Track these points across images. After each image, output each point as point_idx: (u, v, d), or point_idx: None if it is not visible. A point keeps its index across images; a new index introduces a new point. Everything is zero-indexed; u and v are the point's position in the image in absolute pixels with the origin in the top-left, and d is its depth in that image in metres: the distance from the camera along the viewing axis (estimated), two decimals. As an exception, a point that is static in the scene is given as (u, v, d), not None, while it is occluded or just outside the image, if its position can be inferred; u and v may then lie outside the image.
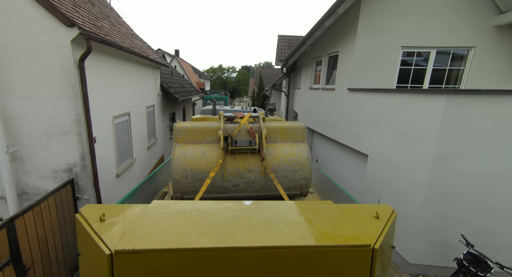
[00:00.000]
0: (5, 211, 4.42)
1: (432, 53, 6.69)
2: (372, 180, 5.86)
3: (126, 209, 1.74)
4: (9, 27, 3.77)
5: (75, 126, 4.31)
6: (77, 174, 4.50)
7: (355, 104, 6.67)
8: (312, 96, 10.10)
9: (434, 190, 4.39)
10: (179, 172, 2.71)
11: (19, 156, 4.26)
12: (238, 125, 3.00)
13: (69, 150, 4.37)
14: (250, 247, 1.34)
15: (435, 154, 4.25)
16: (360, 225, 1.63)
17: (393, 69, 6.81)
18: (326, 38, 8.54)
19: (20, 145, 4.22)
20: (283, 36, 16.02)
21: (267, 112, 5.57)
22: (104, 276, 1.25)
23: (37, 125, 4.19)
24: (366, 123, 6.11)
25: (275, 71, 31.86)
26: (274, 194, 2.93)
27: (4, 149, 4.03)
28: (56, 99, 4.13)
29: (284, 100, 15.08)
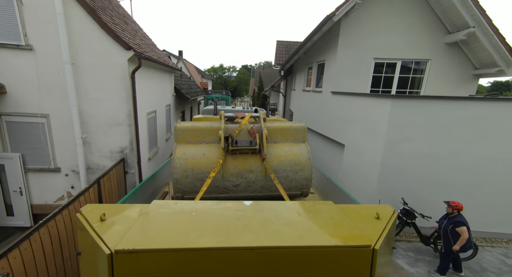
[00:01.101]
0: (77, 181, 6.13)
1: (398, 64, 8.36)
2: (347, 164, 7.56)
3: (127, 209, 1.73)
4: (86, 51, 5.45)
5: (127, 120, 6.01)
6: (127, 155, 6.21)
7: (336, 104, 8.34)
8: (305, 97, 11.79)
9: (385, 168, 6.08)
10: (180, 172, 2.70)
11: (87, 141, 5.96)
12: (239, 125, 3.00)
13: (122, 136, 6.08)
14: (250, 247, 1.33)
15: (385, 141, 5.94)
16: (361, 225, 1.62)
17: (367, 77, 8.48)
18: (316, 48, 10.21)
19: (89, 132, 5.93)
20: (281, 42, 17.65)
21: (268, 112, 5.42)
22: (104, 275, 1.24)
23: (101, 118, 5.89)
24: (344, 120, 7.78)
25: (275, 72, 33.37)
26: (275, 194, 2.90)
27: (79, 135, 5.73)
28: (115, 100, 5.83)
29: (281, 100, 16.76)
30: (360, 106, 7.01)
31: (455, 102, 5.69)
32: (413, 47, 8.14)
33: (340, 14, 7.33)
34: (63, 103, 5.62)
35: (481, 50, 7.46)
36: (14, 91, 5.46)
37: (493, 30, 6.88)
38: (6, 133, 5.68)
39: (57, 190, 6.19)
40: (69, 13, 5.16)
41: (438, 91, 8.25)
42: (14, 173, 5.80)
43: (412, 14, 7.86)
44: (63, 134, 5.85)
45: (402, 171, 6.03)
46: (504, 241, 6.09)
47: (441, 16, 7.68)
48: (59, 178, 6.12)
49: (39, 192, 6.12)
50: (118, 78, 5.71)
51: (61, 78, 5.46)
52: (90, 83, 5.65)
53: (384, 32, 8.08)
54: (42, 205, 6.20)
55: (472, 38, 7.28)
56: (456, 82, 8.27)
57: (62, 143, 5.91)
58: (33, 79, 5.45)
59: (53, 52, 5.32)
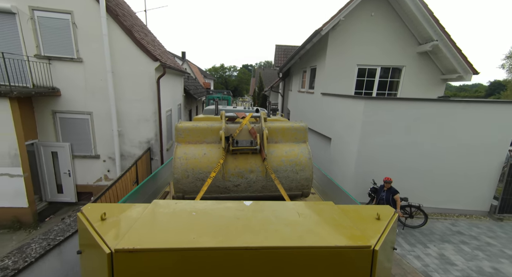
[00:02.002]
0: (112, 166, 7.62)
1: (378, 70, 9.82)
2: (333, 153, 9.03)
3: (127, 209, 1.74)
4: (124, 61, 6.93)
5: (153, 116, 7.49)
6: (152, 144, 7.70)
7: (325, 104, 9.80)
8: (300, 97, 13.25)
9: (361, 156, 7.54)
10: (181, 172, 2.70)
11: (122, 133, 7.45)
12: (240, 125, 2.99)
13: (149, 130, 7.56)
14: (250, 247, 1.32)
15: (360, 134, 7.40)
16: (361, 226, 1.61)
17: (352, 80, 9.93)
18: (309, 55, 11.67)
19: (123, 127, 7.41)
20: (280, 46, 19.08)
21: (269, 112, 5.68)
22: (104, 274, 1.24)
23: (133, 115, 7.38)
24: (331, 117, 9.24)
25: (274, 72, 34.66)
26: (275, 195, 2.88)
27: (116, 128, 7.22)
28: (144, 101, 7.31)
29: (280, 100, 18.23)
30: (342, 105, 8.47)
31: (416, 102, 7.15)
32: (390, 56, 9.59)
33: (326, 29, 8.78)
34: (104, 103, 7.11)
35: (444, 59, 8.92)
36: (67, 93, 6.95)
37: (452, 43, 8.33)
38: (59, 127, 7.17)
39: (96, 173, 7.69)
40: (111, 33, 6.65)
41: (412, 93, 9.71)
42: (64, 158, 7.30)
43: (388, 28, 9.30)
44: (103, 128, 7.34)
45: (374, 158, 7.49)
46: (455, 215, 7.56)
47: (412, 30, 9.13)
48: (98, 163, 7.62)
49: (82, 174, 7.62)
50: (147, 83, 7.19)
51: (103, 83, 6.95)
52: (125, 87, 7.14)
53: (365, 42, 9.52)
54: (84, 185, 7.70)
55: (437, 49, 8.73)
56: (427, 85, 9.72)
57: (102, 135, 7.40)
58: (81, 84, 6.94)
59: (97, 63, 6.81)
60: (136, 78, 7.11)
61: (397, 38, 9.40)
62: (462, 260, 5.37)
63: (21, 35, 6.41)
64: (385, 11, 9.21)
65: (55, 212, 7.30)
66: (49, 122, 7.09)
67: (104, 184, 7.69)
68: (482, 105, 6.99)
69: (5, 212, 6.28)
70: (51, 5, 6.33)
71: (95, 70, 6.87)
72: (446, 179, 7.40)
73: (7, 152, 5.99)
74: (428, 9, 8.28)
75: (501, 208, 7.34)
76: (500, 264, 5.26)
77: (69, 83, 6.89)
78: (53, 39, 6.57)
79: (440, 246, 5.88)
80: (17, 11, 6.24)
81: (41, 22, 6.42)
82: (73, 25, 6.52)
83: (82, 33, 6.62)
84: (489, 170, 7.26)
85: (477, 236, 6.38)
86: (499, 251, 5.74)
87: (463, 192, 7.49)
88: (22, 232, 6.32)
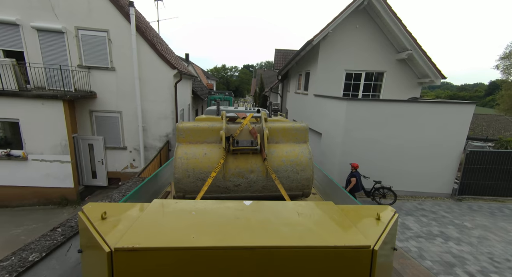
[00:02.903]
0: (137, 156, 9.16)
1: (363, 74, 11.29)
2: (323, 146, 10.52)
3: (128, 208, 1.76)
4: (148, 69, 8.46)
5: (171, 115, 9.02)
6: (170, 138, 9.23)
7: (317, 104, 11.29)
8: (296, 98, 14.75)
9: (344, 147, 9.03)
10: (181, 171, 2.71)
11: (145, 128, 8.99)
12: (240, 125, 3.01)
13: (167, 126, 9.09)
14: (249, 246, 1.33)
15: (344, 129, 8.89)
16: (361, 226, 1.61)
17: (340, 83, 11.41)
18: (303, 61, 13.16)
19: (146, 123, 8.95)
20: (279, 50, 20.57)
21: (271, 112, 5.66)
22: (104, 273, 1.25)
23: (155, 114, 8.91)
24: (322, 115, 10.72)
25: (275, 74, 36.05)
26: (276, 195, 2.91)
27: (141, 124, 8.75)
28: (164, 102, 8.84)
29: (279, 100, 19.73)
30: (330, 105, 9.97)
31: (389, 103, 8.63)
32: (373, 62, 11.07)
33: (317, 40, 10.27)
34: (131, 104, 8.64)
35: (418, 66, 10.39)
36: (101, 96, 8.49)
37: (423, 52, 9.80)
38: (95, 123, 8.72)
39: (124, 161, 9.23)
40: (138, 47, 8.18)
41: (393, 94, 11.18)
42: (99, 149, 8.85)
43: (371, 38, 10.77)
44: (130, 124, 8.88)
45: (355, 149, 8.98)
46: (423, 197, 9.04)
47: (391, 40, 10.60)
48: (125, 153, 9.16)
49: (112, 163, 9.17)
50: (166, 87, 8.72)
51: (131, 87, 8.48)
52: (149, 91, 8.67)
53: (351, 50, 11.00)
54: (114, 172, 9.25)
55: (412, 57, 10.20)
56: (405, 88, 11.20)
57: (129, 130, 8.94)
58: (113, 88, 8.48)
59: (127, 71, 8.34)
60: (158, 83, 8.64)
61: (379, 47, 10.87)
62: (418, 226, 6.86)
63: (67, 50, 7.95)
64: (368, 24, 10.67)
65: (91, 193, 8.85)
66: (86, 119, 8.64)
67: (130, 171, 9.23)
68: (444, 105, 8.47)
69: (56, 191, 7.83)
70: (92, 25, 7.87)
71: (125, 76, 8.40)
72: (415, 167, 8.88)
73: (59, 143, 7.53)
74: (402, 24, 9.75)
75: (460, 191, 8.82)
76: (446, 229, 6.74)
77: (103, 87, 8.43)
78: (92, 52, 8.10)
79: (404, 218, 7.36)
80: (66, 31, 7.78)
81: (83, 39, 7.95)
82: (109, 40, 8.05)
83: (115, 47, 8.15)
84: (450, 159, 8.73)
85: (436, 212, 7.86)
86: (449, 221, 7.22)
87: (430, 177, 8.96)
88: (69, 208, 7.87)
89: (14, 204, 7.84)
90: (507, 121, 25.07)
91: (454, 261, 5.37)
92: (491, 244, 6.01)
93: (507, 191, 8.81)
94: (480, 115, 27.01)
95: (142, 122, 8.82)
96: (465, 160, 8.66)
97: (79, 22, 7.79)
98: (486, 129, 24.05)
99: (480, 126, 24.65)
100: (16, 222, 7.03)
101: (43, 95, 7.10)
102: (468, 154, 8.63)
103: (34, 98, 7.09)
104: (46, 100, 7.13)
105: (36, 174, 7.66)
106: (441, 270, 5.07)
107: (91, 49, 8.09)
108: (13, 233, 6.51)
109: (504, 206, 8.39)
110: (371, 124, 8.74)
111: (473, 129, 23.70)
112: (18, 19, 7.49)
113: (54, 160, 7.63)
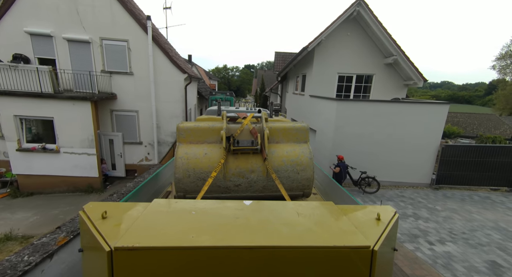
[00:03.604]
0: (152, 150, 10.35)
1: (354, 77, 12.43)
2: (318, 141, 11.67)
3: (128, 207, 1.77)
4: (162, 74, 9.64)
5: (181, 113, 10.20)
6: (180, 135, 10.43)
7: (312, 103, 12.44)
8: (294, 98, 15.90)
9: (335, 142, 10.17)
10: (182, 171, 2.71)
11: (159, 126, 10.17)
12: (241, 125, 2.99)
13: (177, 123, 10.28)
14: (248, 246, 1.33)
15: (334, 125, 10.03)
16: (360, 226, 1.61)
17: (333, 85, 12.55)
18: (300, 64, 14.31)
19: (159, 121, 10.14)
20: (279, 53, 21.72)
21: (272, 113, 5.68)
22: (104, 272, 1.27)
23: (167, 113, 10.09)
24: (316, 113, 11.85)
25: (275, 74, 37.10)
26: (276, 195, 2.87)
27: (155, 122, 9.94)
28: (175, 102, 10.02)
29: (278, 100, 20.88)
30: (323, 105, 11.11)
31: (374, 103, 9.76)
32: (363, 66, 12.20)
33: (312, 46, 11.41)
34: (147, 104, 9.83)
35: (403, 69, 11.51)
36: (121, 97, 9.68)
37: (406, 58, 10.93)
38: (115, 121, 9.92)
39: (140, 155, 10.43)
40: (154, 54, 9.36)
41: (381, 95, 12.31)
42: (118, 144, 10.04)
43: (361, 44, 11.90)
44: (145, 122, 10.07)
45: (344, 143, 10.13)
46: (405, 187, 10.17)
47: (379, 46, 11.73)
48: (141, 148, 10.36)
49: (129, 156, 10.36)
50: (177, 89, 9.90)
51: (147, 89, 9.67)
52: (162, 92, 9.86)
53: (343, 55, 12.13)
54: (131, 164, 10.45)
55: (397, 61, 11.33)
56: (392, 89, 12.33)
57: (144, 127, 10.13)
58: (131, 90, 9.67)
59: (144, 75, 9.52)
60: (170, 85, 9.82)
61: (368, 52, 12.00)
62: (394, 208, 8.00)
63: (93, 57, 9.14)
64: (358, 32, 11.80)
65: (112, 183, 10.05)
66: (107, 117, 9.83)
67: (145, 164, 10.43)
68: (421, 105, 9.60)
69: (83, 180, 9.04)
70: (114, 35, 9.05)
71: (141, 80, 9.59)
72: (398, 159, 10.02)
73: (87, 138, 8.73)
74: (388, 33, 10.88)
75: (437, 180, 9.96)
76: (419, 211, 7.89)
77: (123, 89, 9.62)
78: (113, 59, 9.29)
79: (384, 203, 8.51)
80: (92, 41, 8.97)
81: (106, 47, 9.14)
82: (128, 49, 9.23)
83: (134, 54, 9.33)
84: (428, 152, 9.87)
85: (413, 198, 9.01)
86: (423, 205, 8.36)
87: (411, 169, 10.10)
88: (95, 194, 9.08)
89: (47, 191, 9.05)
90: (498, 120, 26.09)
91: (419, 233, 6.52)
92: (453, 222, 7.16)
93: (479, 180, 9.94)
94: (473, 115, 28.03)
95: (156, 120, 10.01)
96: (441, 154, 9.79)
97: (103, 33, 8.97)
98: (478, 128, 25.07)
99: (472, 124, 25.69)
100: (52, 205, 8.24)
101: (75, 96, 8.30)
102: (444, 148, 9.77)
103: (66, 99, 8.28)
104: (77, 101, 8.32)
105: (66, 165, 8.86)
106: (407, 240, 6.23)
107: (113, 56, 9.27)
108: (52, 213, 7.72)
109: (474, 194, 9.53)
110: (358, 121, 9.88)
111: (464, 127, 24.76)
112: (52, 32, 8.69)
113: (82, 153, 8.83)
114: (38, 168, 8.77)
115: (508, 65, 29.15)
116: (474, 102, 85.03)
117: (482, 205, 8.48)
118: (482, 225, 6.98)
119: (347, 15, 11.03)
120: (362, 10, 10.85)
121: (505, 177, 9.89)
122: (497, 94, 32.27)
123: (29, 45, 8.78)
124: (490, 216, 7.56)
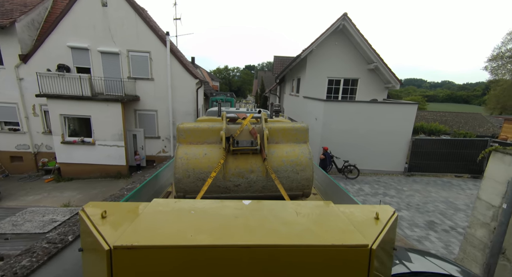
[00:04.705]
0: (168, 143, 12.23)
1: (341, 80, 14.27)
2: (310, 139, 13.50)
3: (128, 207, 1.79)
4: (178, 79, 11.51)
5: (192, 112, 12.08)
6: (192, 130, 12.31)
7: (305, 104, 14.28)
8: (291, 99, 17.75)
9: (323, 137, 12.01)
10: (182, 171, 2.73)
11: (174, 122, 12.05)
12: (240, 126, 3.00)
13: (190, 121, 12.10)
14: (247, 245, 1.34)
15: (322, 123, 11.87)
16: (359, 225, 1.61)
17: (324, 87, 14.39)
18: (295, 69, 16.17)
19: (175, 118, 12.02)
20: (278, 57, 23.58)
21: (272, 113, 5.66)
22: (103, 271, 1.28)
23: (181, 112, 11.97)
24: (308, 112, 13.69)
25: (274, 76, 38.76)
26: (276, 195, 2.86)
27: (171, 120, 11.82)
28: (188, 103, 11.90)
29: (277, 101, 22.74)
30: (313, 105, 12.96)
31: (356, 103, 11.60)
32: (349, 71, 14.04)
33: (305, 54, 13.27)
34: (164, 104, 11.71)
35: (383, 74, 13.35)
36: (143, 99, 11.57)
37: (384, 64, 12.77)
38: (137, 119, 11.80)
39: (158, 148, 12.31)
40: (172, 63, 11.23)
41: (365, 96, 14.14)
42: (140, 138, 11.93)
43: (347, 52, 13.73)
44: (163, 119, 11.95)
45: (331, 137, 11.97)
46: (383, 174, 12.00)
47: (362, 54, 13.57)
48: (159, 141, 12.24)
49: (149, 148, 12.25)
50: (190, 92, 11.78)
51: (165, 92, 11.55)
52: (177, 95, 11.74)
53: (332, 61, 13.97)
54: (150, 155, 12.34)
55: (377, 67, 13.17)
56: (374, 91, 14.16)
57: (162, 124, 12.01)
58: (152, 93, 11.56)
59: (162, 80, 11.40)
60: (184, 89, 11.70)
61: (353, 59, 13.83)
62: (369, 190, 9.85)
63: (120, 66, 11.02)
64: (344, 41, 13.64)
65: (136, 171, 11.94)
66: (131, 116, 11.71)
67: (162, 155, 12.30)
68: (394, 105, 11.44)
69: (113, 168, 10.93)
70: (139, 48, 10.93)
71: (160, 85, 11.47)
72: (376, 150, 11.85)
73: (117, 133, 10.60)
74: (368, 43, 12.72)
75: (409, 169, 11.79)
76: (389, 191, 9.73)
77: (145, 92, 11.50)
78: (138, 67, 11.17)
79: (362, 186, 10.35)
80: (120, 53, 10.85)
81: (132, 58, 11.02)
82: (150, 59, 11.11)
83: (154, 63, 11.21)
84: (401, 145, 11.70)
85: (387, 182, 10.84)
86: (393, 187, 10.20)
87: (387, 158, 11.94)
88: (123, 180, 10.97)
89: (83, 177, 10.94)
90: (483, 119, 27.87)
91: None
92: (413, 198, 9.01)
93: (445, 168, 11.76)
94: (460, 114, 29.84)
95: (172, 117, 11.88)
96: (411, 146, 11.62)
97: (130, 46, 10.84)
98: (463, 126, 26.85)
99: (458, 123, 27.49)
100: (91, 187, 10.13)
101: (108, 99, 10.19)
102: (414, 141, 11.60)
103: (101, 101, 10.17)
104: (110, 102, 10.21)
105: (100, 155, 10.75)
106: (372, 209, 8.07)
107: (137, 65, 11.15)
108: (92, 192, 9.62)
109: (439, 180, 11.37)
110: (342, 118, 11.73)
111: (451, 126, 26.55)
112: (89, 46, 10.57)
113: (113, 145, 10.71)
114: (77, 157, 10.66)
115: (500, 66, 30.74)
116: (472, 102, 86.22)
117: (442, 187, 10.32)
118: (434, 200, 8.83)
119: (334, 28, 12.87)
120: (347, 24, 12.70)
121: (467, 166, 11.71)
122: (490, 95, 33.86)
123: (69, 57, 10.66)
124: (444, 194, 9.41)
